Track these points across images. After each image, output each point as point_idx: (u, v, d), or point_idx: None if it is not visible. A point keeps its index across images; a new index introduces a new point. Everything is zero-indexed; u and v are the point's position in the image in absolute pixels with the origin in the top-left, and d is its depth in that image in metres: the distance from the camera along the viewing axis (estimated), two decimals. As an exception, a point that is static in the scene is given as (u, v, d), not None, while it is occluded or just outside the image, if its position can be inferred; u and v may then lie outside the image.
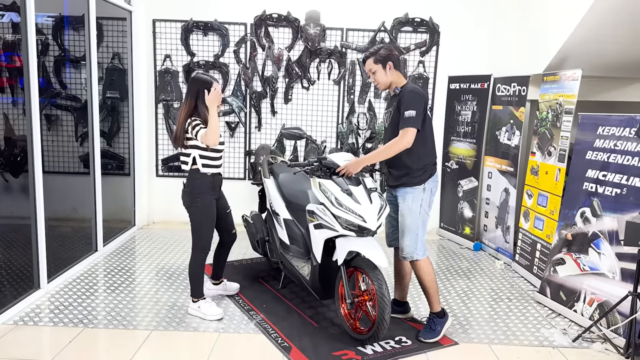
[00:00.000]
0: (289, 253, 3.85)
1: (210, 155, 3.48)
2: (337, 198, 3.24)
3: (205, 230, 3.56)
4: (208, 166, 3.49)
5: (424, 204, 3.39)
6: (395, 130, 3.32)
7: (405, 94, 3.27)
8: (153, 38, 5.70)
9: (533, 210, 4.59)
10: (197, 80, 3.48)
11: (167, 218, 5.98)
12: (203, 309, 3.62)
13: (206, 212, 3.53)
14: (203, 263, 3.62)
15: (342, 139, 5.81)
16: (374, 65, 3.37)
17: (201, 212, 3.53)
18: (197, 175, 3.48)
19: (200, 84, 3.44)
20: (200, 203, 3.50)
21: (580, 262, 3.78)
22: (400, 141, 3.23)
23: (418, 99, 3.25)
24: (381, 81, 3.40)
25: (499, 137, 5.21)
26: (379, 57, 3.35)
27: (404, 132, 3.22)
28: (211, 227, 3.59)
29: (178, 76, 5.73)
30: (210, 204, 3.55)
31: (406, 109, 3.21)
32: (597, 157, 3.77)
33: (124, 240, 5.37)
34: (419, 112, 3.22)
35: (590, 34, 4.32)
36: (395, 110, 3.33)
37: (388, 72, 3.37)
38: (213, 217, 3.59)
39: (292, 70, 5.69)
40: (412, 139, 3.21)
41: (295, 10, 5.60)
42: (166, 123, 5.81)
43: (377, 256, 3.15)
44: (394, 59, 3.36)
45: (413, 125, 3.20)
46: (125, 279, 4.32)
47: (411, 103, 3.22)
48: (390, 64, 3.35)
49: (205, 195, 3.51)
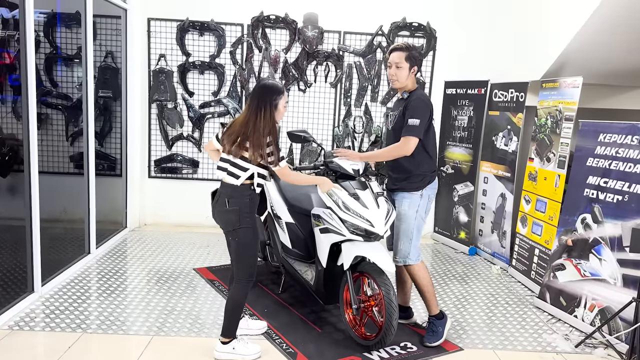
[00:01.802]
0: (291, 257, 3.81)
1: (265, 173, 3.05)
2: (344, 202, 3.21)
3: (253, 255, 3.08)
4: (260, 185, 3.06)
5: (420, 209, 3.39)
6: (398, 134, 3.33)
7: (412, 101, 3.27)
8: (148, 37, 5.61)
9: (531, 216, 4.62)
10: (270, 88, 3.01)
11: (158, 220, 5.88)
12: (239, 350, 3.11)
13: (255, 234, 3.06)
14: (247, 292, 3.10)
15: (338, 141, 5.78)
16: (404, 62, 3.29)
17: (251, 234, 3.02)
18: (248, 192, 2.99)
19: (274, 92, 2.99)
20: (250, 224, 3.01)
21: (581, 267, 3.80)
22: (401, 148, 3.25)
23: (424, 108, 3.26)
24: (401, 80, 3.34)
25: (495, 142, 5.24)
26: (412, 57, 3.29)
27: (405, 140, 3.23)
28: (257, 250, 3.15)
29: (172, 76, 5.64)
30: (256, 225, 3.09)
31: (411, 117, 3.21)
32: (598, 164, 3.80)
33: (116, 243, 5.26)
34: (422, 122, 3.22)
35: (590, 41, 4.36)
36: (401, 115, 3.32)
37: (411, 75, 3.35)
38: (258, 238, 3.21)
39: (288, 73, 5.65)
40: (412, 147, 3.23)
41: (293, 12, 5.57)
42: (160, 123, 5.72)
43: (385, 261, 3.12)
44: (420, 64, 3.37)
45: (415, 135, 3.21)
46: (120, 283, 4.22)
47: (417, 111, 3.22)
48: (416, 68, 3.34)
49: (253, 213, 3.05)
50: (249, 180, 2.97)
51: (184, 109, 5.70)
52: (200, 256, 4.99)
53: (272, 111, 2.95)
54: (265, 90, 2.99)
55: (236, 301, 3.09)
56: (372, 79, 5.71)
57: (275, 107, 2.98)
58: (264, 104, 2.94)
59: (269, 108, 2.94)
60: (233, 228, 3.00)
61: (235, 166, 2.97)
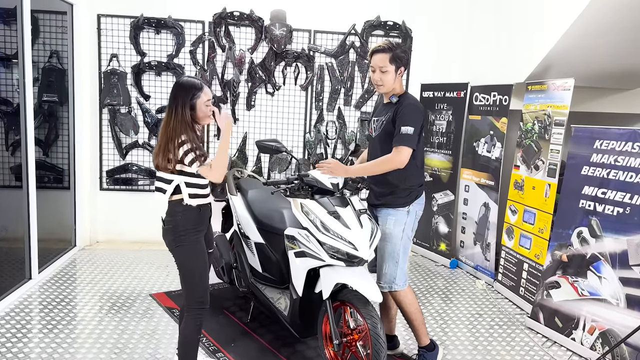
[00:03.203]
0: (262, 282, 3.37)
1: (198, 182, 2.68)
2: (322, 222, 2.80)
3: (198, 276, 2.70)
4: (195, 196, 2.67)
5: (406, 228, 3.02)
6: (386, 142, 2.95)
7: (405, 106, 2.88)
8: (98, 35, 5.07)
9: (518, 227, 4.31)
10: (184, 86, 2.64)
11: (112, 237, 5.33)
12: None
13: (196, 253, 2.69)
14: (200, 324, 2.73)
15: (309, 148, 5.37)
16: (389, 64, 2.90)
17: (191, 254, 2.68)
18: (179, 208, 2.64)
19: (189, 90, 2.62)
20: (187, 242, 2.66)
21: (578, 286, 3.50)
22: (393, 159, 2.85)
23: (418, 115, 2.89)
24: (388, 84, 2.95)
25: (477, 148, 4.93)
26: (397, 57, 2.90)
27: (397, 151, 2.84)
28: (205, 272, 2.75)
29: (126, 78, 5.12)
30: (200, 243, 2.72)
31: (404, 124, 2.83)
32: (594, 173, 3.51)
33: (64, 265, 4.70)
34: (416, 130, 2.85)
35: (577, 43, 4.10)
36: (389, 121, 2.93)
37: (397, 77, 2.96)
38: (205, 259, 2.75)
39: (255, 74, 5.21)
40: (406, 158, 2.85)
41: (259, 8, 5.13)
42: (112, 130, 5.18)
43: (370, 289, 2.71)
44: (407, 65, 2.98)
45: (409, 144, 2.83)
46: (66, 314, 3.69)
47: (410, 118, 2.84)
48: (403, 69, 2.95)
49: (192, 232, 2.67)
50: (179, 194, 2.64)
51: (139, 114, 5.18)
52: (158, 278, 4.49)
53: (185, 112, 2.60)
54: (178, 89, 2.64)
55: (188, 336, 2.71)
56: (345, 81, 5.33)
57: (192, 107, 2.63)
58: (176, 104, 2.60)
59: (182, 109, 2.60)
60: (171, 248, 2.69)
61: (162, 180, 2.66)
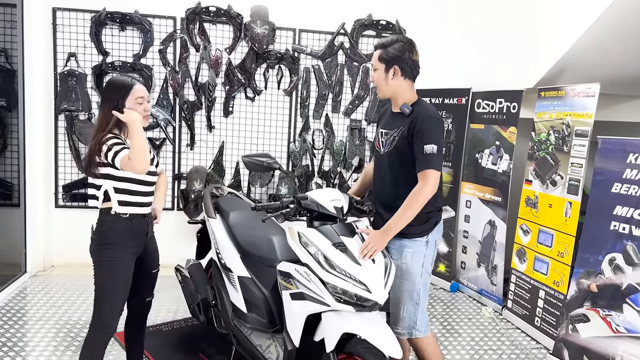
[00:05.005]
0: (247, 325, 2.81)
1: (130, 188, 2.41)
2: (326, 257, 2.26)
3: (109, 299, 2.39)
4: (126, 204, 2.40)
5: (426, 262, 2.54)
6: (397, 159, 2.45)
7: (423, 120, 2.39)
8: (53, 31, 4.44)
9: (531, 249, 3.86)
10: (113, 85, 2.46)
11: (69, 260, 4.67)
12: None
13: (115, 271, 2.38)
14: (100, 351, 2.43)
15: (294, 159, 4.82)
16: (378, 62, 2.50)
17: (107, 269, 2.38)
18: (108, 217, 2.38)
19: (117, 90, 2.41)
20: (107, 257, 2.37)
21: (612, 321, 3.05)
22: (425, 191, 2.36)
23: (440, 129, 2.44)
24: (379, 86, 2.54)
25: (480, 160, 4.47)
26: (386, 56, 2.46)
27: (425, 177, 2.36)
28: (119, 295, 2.42)
29: (86, 80, 4.50)
30: (123, 261, 2.40)
31: (427, 142, 2.35)
32: (629, 191, 3.07)
33: (11, 294, 4.04)
34: (440, 147, 2.38)
35: (595, 46, 3.70)
36: (403, 136, 2.44)
37: (390, 79, 2.48)
38: (124, 280, 2.42)
39: (233, 77, 4.65)
40: (436, 182, 2.38)
41: (237, 4, 4.58)
42: (69, 139, 4.54)
43: (387, 342, 2.18)
44: (403, 63, 2.47)
45: (436, 167, 2.37)
46: (13, 356, 3.07)
47: (432, 134, 2.38)
48: (397, 69, 2.46)
49: (117, 247, 2.38)
50: (108, 202, 2.39)
51: (101, 122, 4.56)
52: (122, 311, 3.87)
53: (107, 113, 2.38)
54: (107, 90, 2.46)
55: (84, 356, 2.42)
56: (333, 85, 4.82)
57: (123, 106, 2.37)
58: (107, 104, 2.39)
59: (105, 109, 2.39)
60: (92, 259, 2.43)
61: (93, 186, 2.44)
